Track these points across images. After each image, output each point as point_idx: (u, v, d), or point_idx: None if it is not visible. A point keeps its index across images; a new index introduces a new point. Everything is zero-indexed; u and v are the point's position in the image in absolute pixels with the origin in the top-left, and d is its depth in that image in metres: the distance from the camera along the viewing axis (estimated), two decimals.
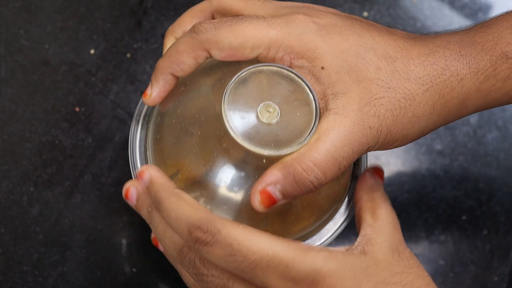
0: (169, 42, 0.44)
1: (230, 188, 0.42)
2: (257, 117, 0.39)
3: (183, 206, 0.36)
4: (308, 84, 0.39)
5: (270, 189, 0.35)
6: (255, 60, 0.39)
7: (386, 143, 0.38)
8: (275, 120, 0.39)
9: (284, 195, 0.35)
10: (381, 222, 0.38)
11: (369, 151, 0.38)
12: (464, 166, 0.61)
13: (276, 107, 0.39)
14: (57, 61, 0.59)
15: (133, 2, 0.62)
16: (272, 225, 0.43)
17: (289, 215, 0.43)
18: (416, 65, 0.38)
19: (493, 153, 0.61)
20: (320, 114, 0.38)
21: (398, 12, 0.65)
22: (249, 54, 0.38)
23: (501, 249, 0.58)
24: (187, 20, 0.43)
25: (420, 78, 0.37)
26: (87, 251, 0.53)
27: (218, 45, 0.38)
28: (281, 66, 0.39)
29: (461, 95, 0.38)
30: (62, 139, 0.56)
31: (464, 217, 0.59)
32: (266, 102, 0.39)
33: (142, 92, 0.59)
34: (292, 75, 0.39)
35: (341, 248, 0.36)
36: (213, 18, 0.43)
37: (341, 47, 0.37)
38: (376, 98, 0.36)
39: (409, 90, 0.37)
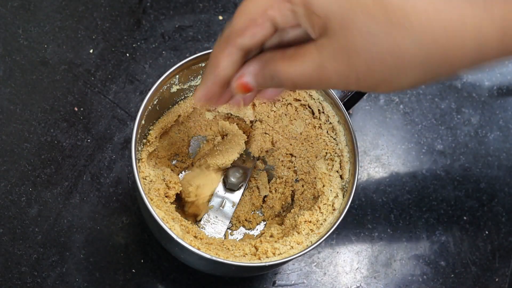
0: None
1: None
2: None
3: None
4: None
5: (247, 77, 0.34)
6: None
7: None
8: None
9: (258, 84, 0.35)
10: None
11: None
12: (465, 166, 0.60)
13: None
14: (56, 60, 0.58)
15: (133, 2, 0.62)
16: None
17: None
18: None
19: (495, 153, 0.61)
20: None
21: None
22: None
23: (502, 250, 0.58)
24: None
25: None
26: (86, 251, 0.53)
27: None
28: None
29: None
30: (61, 139, 0.56)
31: (465, 218, 0.59)
32: None
33: (141, 91, 0.58)
34: None
35: None
36: None
37: None
38: None
39: None
